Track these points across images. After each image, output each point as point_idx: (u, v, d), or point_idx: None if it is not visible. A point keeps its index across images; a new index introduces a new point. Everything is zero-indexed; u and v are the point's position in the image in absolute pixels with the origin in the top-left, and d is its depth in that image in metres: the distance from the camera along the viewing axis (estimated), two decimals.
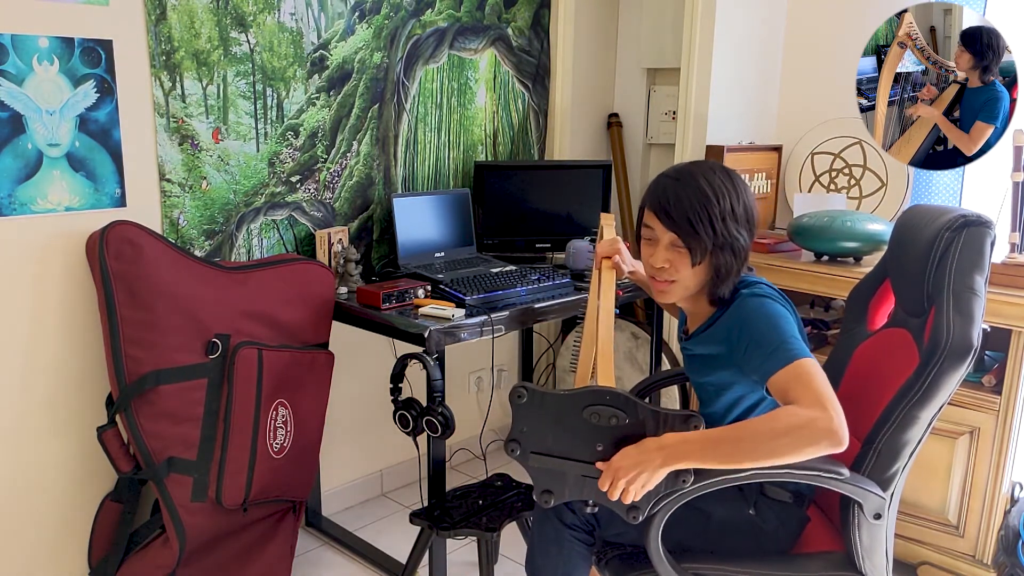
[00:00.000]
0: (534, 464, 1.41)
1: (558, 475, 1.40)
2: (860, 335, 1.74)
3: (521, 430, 1.41)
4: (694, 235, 1.46)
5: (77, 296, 2.05)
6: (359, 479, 2.84)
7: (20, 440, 2.02)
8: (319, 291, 2.29)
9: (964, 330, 1.43)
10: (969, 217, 1.49)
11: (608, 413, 1.36)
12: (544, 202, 2.85)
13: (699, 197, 1.46)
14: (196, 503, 2.05)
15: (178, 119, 2.15)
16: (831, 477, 1.44)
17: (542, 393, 1.39)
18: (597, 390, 1.37)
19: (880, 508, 1.46)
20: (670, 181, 1.50)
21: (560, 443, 1.39)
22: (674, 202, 1.47)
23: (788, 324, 1.42)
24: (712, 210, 1.45)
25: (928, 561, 2.32)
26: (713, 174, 1.49)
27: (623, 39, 3.32)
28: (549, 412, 1.39)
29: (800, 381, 1.33)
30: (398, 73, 2.62)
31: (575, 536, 1.61)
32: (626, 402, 1.36)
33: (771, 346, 1.39)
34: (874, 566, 1.51)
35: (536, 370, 3.37)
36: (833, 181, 2.87)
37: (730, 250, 1.47)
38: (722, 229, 1.45)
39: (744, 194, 1.50)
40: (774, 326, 1.41)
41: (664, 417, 1.36)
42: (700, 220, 1.45)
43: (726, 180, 1.48)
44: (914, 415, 1.46)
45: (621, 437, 1.37)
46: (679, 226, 1.46)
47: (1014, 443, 2.18)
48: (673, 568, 1.50)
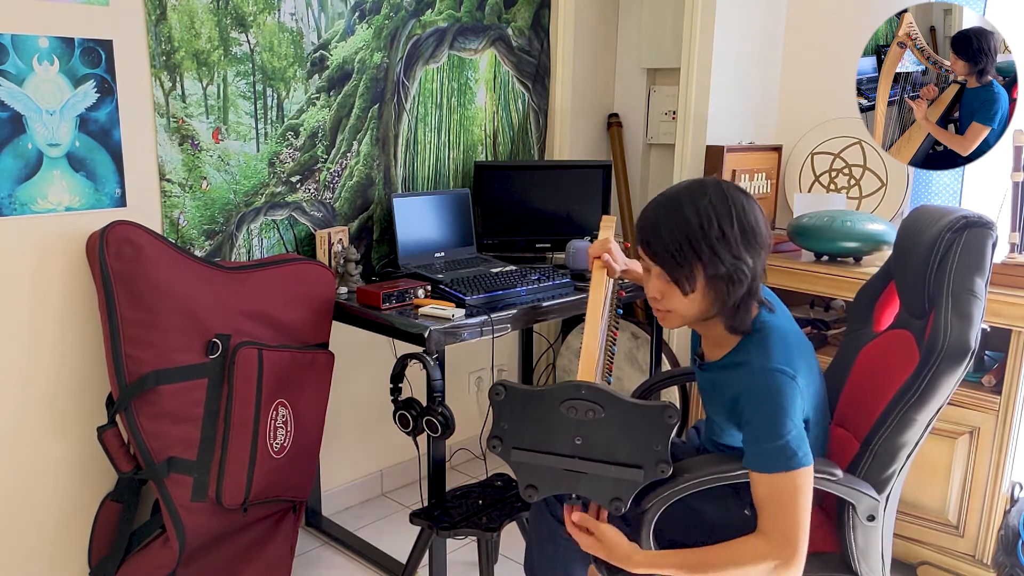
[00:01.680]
0: (516, 459, 1.43)
1: (540, 470, 1.43)
2: (866, 336, 1.73)
3: (502, 427, 1.43)
4: (678, 267, 1.38)
5: (77, 296, 2.05)
6: (359, 479, 2.84)
7: (20, 440, 2.02)
8: (319, 291, 2.29)
9: (962, 332, 1.43)
10: (971, 218, 1.48)
11: (585, 407, 1.38)
12: (544, 202, 2.85)
13: (680, 227, 1.36)
14: (196, 503, 2.05)
15: (178, 119, 2.15)
16: (824, 478, 1.44)
17: (519, 390, 1.41)
18: (573, 385, 1.39)
19: (873, 510, 1.46)
20: (658, 209, 1.41)
21: (540, 438, 1.42)
22: (654, 234, 1.39)
23: (790, 416, 1.34)
24: (695, 239, 1.35)
25: (928, 561, 2.32)
26: (703, 196, 1.37)
27: (623, 39, 3.32)
28: (527, 408, 1.42)
29: (777, 504, 1.33)
30: (398, 73, 2.61)
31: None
32: (602, 396, 1.38)
33: (767, 442, 1.34)
34: (869, 568, 1.50)
35: (536, 370, 3.37)
36: (833, 181, 2.87)
37: (728, 279, 1.37)
38: (710, 258, 1.35)
39: (742, 214, 1.38)
40: (776, 420, 1.34)
41: (639, 409, 1.37)
42: (682, 251, 1.36)
43: (718, 201, 1.37)
44: (911, 417, 1.45)
45: (599, 431, 1.39)
46: (661, 259, 1.40)
47: (1014, 443, 2.18)
48: None
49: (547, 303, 2.33)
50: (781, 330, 1.42)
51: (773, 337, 1.41)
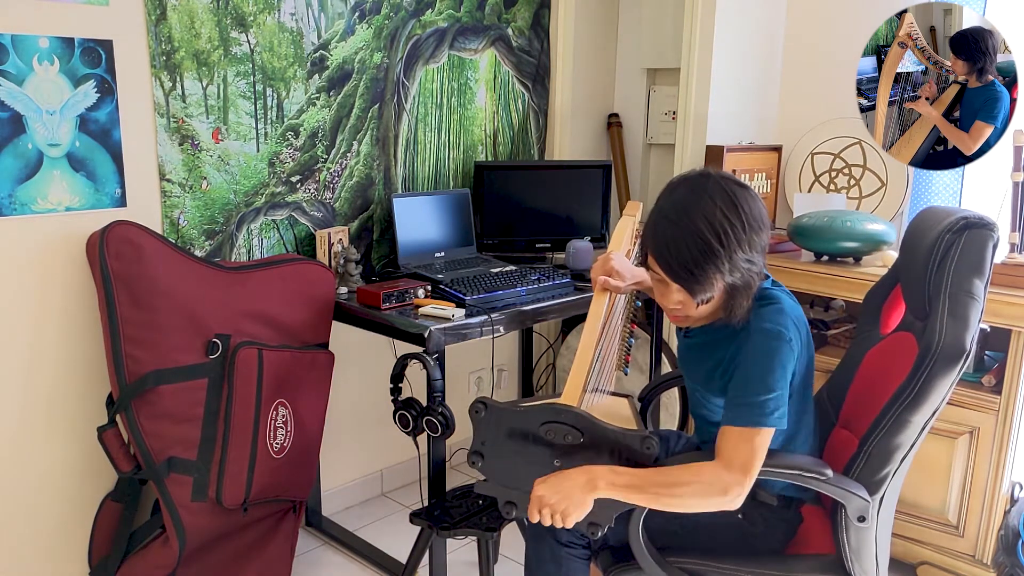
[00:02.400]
0: (495, 477, 1.43)
1: (519, 487, 1.42)
2: (873, 338, 1.73)
3: (481, 443, 1.44)
4: (698, 284, 1.40)
5: (77, 296, 2.05)
6: (359, 479, 2.84)
7: (20, 440, 2.02)
8: (319, 291, 2.29)
9: (957, 334, 1.42)
10: (971, 219, 1.47)
11: (563, 431, 1.39)
12: (544, 202, 2.85)
13: (700, 246, 1.37)
14: (196, 503, 2.05)
15: (178, 119, 2.15)
16: (813, 477, 1.44)
17: (500, 409, 1.42)
18: (553, 408, 1.39)
19: (864, 511, 1.46)
20: (669, 225, 1.41)
21: (519, 457, 1.43)
22: (675, 254, 1.40)
23: (780, 377, 1.40)
24: (717, 258, 1.38)
25: (928, 561, 2.32)
26: (714, 208, 1.38)
27: (623, 39, 3.32)
28: (507, 427, 1.42)
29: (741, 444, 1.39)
30: (398, 73, 2.61)
31: (572, 553, 1.60)
32: (582, 421, 1.38)
33: (752, 395, 1.39)
34: (863, 570, 1.50)
35: (536, 370, 3.38)
36: (833, 181, 2.87)
37: (742, 282, 1.42)
38: (729, 270, 1.39)
39: (748, 213, 1.40)
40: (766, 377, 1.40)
41: (619, 436, 1.37)
42: (702, 268, 1.38)
43: (729, 211, 1.38)
44: (905, 419, 1.45)
45: (576, 454, 1.39)
46: (683, 279, 1.41)
47: (1014, 443, 2.18)
48: (656, 562, 1.51)
49: (547, 303, 2.33)
50: (779, 298, 1.48)
51: (778, 299, 1.47)
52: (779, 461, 1.47)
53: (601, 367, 1.66)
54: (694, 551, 1.58)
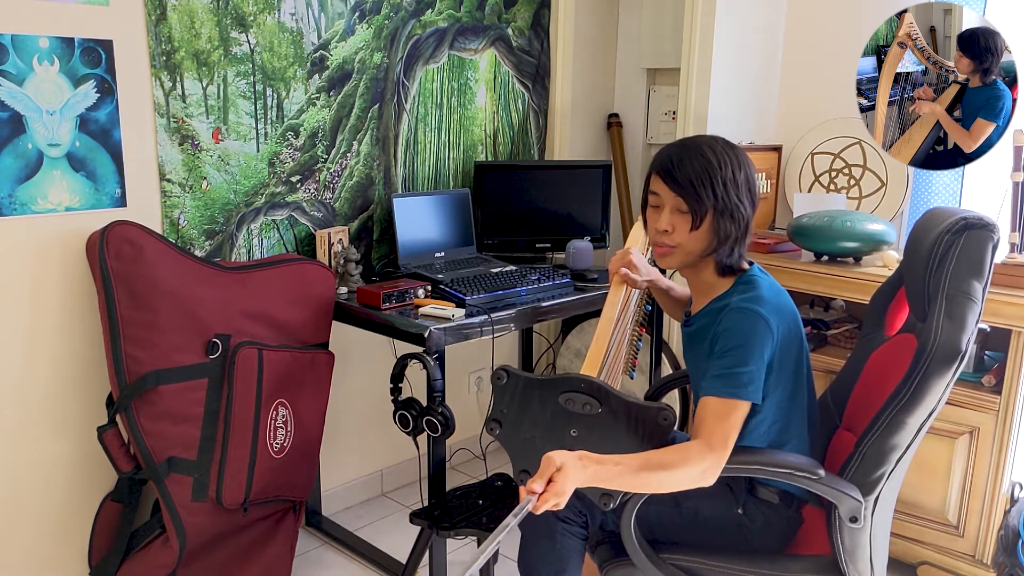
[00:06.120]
0: (512, 444, 1.45)
1: (535, 455, 1.44)
2: (877, 340, 1.73)
3: (501, 411, 1.47)
4: (697, 198, 1.50)
5: (77, 296, 2.05)
6: (359, 479, 2.84)
7: (20, 440, 2.02)
8: (319, 291, 2.29)
9: (952, 335, 1.42)
10: (970, 219, 1.46)
11: (582, 400, 1.42)
12: (544, 202, 2.85)
13: (702, 162, 1.51)
14: (196, 503, 2.05)
15: (178, 119, 2.15)
16: (804, 476, 1.44)
17: (521, 376, 1.45)
18: (573, 377, 1.41)
19: (855, 511, 1.45)
20: (675, 148, 1.55)
21: (537, 425, 1.46)
22: (678, 166, 1.52)
23: (755, 353, 1.46)
24: (714, 175, 1.50)
25: (928, 561, 2.32)
26: (716, 143, 1.55)
27: (623, 39, 3.31)
28: (527, 395, 1.45)
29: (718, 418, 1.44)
30: (398, 73, 2.61)
31: (568, 529, 1.61)
32: (601, 391, 1.40)
33: (729, 367, 1.46)
34: (858, 571, 1.50)
35: (536, 370, 3.38)
36: (833, 181, 2.87)
37: (730, 216, 1.51)
38: (723, 194, 1.50)
39: (746, 165, 1.55)
40: (742, 353, 1.46)
41: (635, 408, 1.39)
42: (703, 183, 1.50)
43: (728, 150, 1.54)
44: (901, 420, 1.45)
45: (594, 425, 1.42)
46: (683, 188, 1.51)
47: (1014, 443, 2.18)
48: (648, 557, 1.51)
49: (547, 303, 2.33)
50: (766, 285, 1.56)
51: (758, 287, 1.54)
52: (771, 460, 1.47)
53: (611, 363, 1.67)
54: (690, 547, 1.58)
